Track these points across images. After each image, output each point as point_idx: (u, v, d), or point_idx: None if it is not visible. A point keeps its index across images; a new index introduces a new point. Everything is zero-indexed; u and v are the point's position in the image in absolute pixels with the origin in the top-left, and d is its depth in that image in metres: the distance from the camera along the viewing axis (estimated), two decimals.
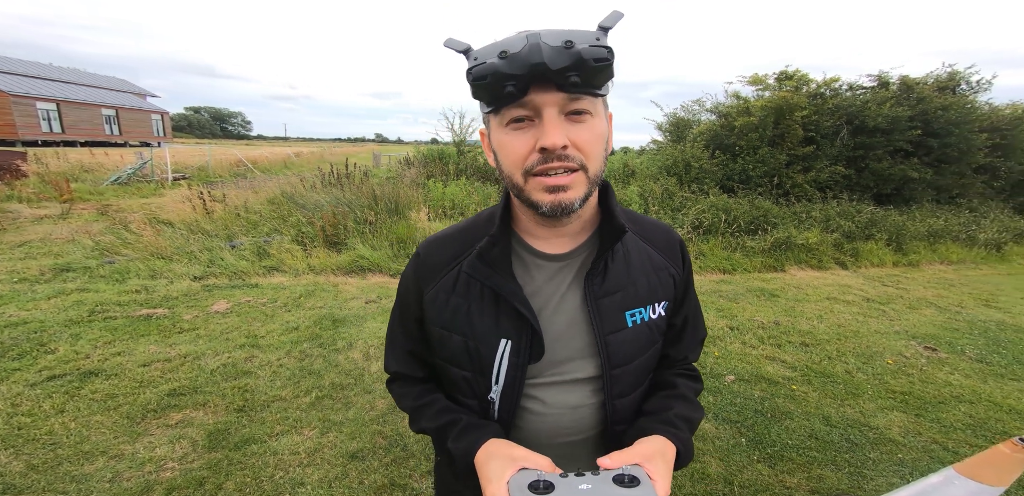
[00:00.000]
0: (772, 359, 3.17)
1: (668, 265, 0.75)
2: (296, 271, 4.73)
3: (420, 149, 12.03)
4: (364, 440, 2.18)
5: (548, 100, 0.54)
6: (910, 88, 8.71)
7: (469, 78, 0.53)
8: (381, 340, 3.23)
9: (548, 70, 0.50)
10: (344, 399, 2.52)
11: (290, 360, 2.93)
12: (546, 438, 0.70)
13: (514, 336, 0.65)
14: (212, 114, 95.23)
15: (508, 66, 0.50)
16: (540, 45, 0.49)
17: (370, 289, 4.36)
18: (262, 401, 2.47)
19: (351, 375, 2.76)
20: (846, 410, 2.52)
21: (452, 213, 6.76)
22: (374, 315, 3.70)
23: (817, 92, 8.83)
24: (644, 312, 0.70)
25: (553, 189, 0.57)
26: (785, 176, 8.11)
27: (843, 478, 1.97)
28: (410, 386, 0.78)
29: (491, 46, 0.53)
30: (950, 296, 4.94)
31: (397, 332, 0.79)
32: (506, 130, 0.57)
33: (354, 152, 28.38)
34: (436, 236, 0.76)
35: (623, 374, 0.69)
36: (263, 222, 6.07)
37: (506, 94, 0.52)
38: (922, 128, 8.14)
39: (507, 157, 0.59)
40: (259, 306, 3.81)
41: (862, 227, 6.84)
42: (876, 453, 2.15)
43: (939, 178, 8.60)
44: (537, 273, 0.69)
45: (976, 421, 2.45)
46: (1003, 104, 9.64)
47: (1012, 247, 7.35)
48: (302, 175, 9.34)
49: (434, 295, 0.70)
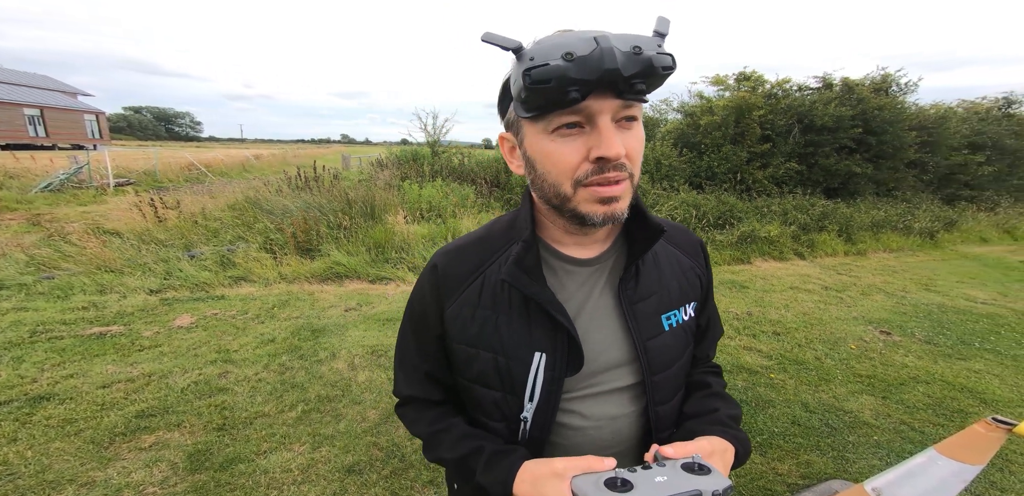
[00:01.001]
0: (749, 349, 3.32)
1: (694, 265, 0.74)
2: (266, 280, 4.52)
3: (392, 150, 11.81)
4: (359, 453, 2.11)
5: (605, 107, 0.51)
6: (851, 89, 9.43)
7: (526, 80, 0.47)
8: (365, 348, 3.15)
9: (619, 76, 0.47)
10: (333, 411, 2.43)
11: (269, 374, 2.80)
12: (585, 452, 0.65)
13: (548, 348, 0.62)
14: (156, 114, 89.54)
15: (577, 70, 0.46)
16: (613, 50, 0.47)
17: (349, 296, 4.23)
18: (243, 418, 2.35)
19: (337, 386, 2.67)
20: (821, 395, 2.67)
21: (430, 215, 6.65)
22: (355, 323, 3.59)
23: (771, 92, 9.43)
24: (678, 315, 0.69)
25: (607, 200, 0.55)
26: (746, 172, 8.59)
27: (828, 463, 2.08)
28: (425, 410, 0.73)
29: (549, 46, 0.48)
30: (895, 282, 5.36)
31: (410, 353, 0.73)
32: (552, 137, 0.54)
33: (320, 154, 27.43)
34: (453, 246, 0.71)
35: (663, 380, 0.67)
36: (225, 230, 5.76)
37: (569, 100, 0.48)
38: (862, 126, 8.85)
39: (555, 166, 0.55)
40: (228, 319, 3.61)
41: (816, 219, 7.36)
42: (854, 436, 2.29)
43: (878, 173, 9.38)
44: (568, 280, 0.66)
45: (935, 401, 2.65)
46: (927, 104, 10.62)
47: (943, 235, 8.09)
48: (265, 179, 8.95)
49: (457, 309, 0.65)
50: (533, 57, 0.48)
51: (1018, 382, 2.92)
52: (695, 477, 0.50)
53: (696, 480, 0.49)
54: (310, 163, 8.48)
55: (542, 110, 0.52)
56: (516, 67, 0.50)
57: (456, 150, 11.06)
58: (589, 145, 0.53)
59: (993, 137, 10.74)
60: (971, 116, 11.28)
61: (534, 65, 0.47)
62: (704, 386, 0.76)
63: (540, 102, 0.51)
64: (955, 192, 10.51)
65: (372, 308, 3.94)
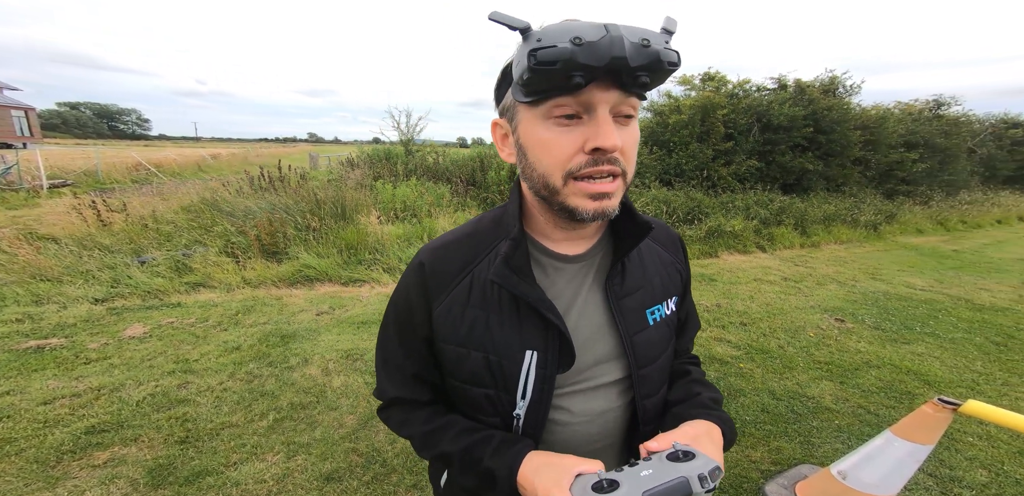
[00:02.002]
0: (719, 340, 3.45)
1: (674, 261, 0.76)
2: (229, 286, 4.30)
3: (364, 149, 11.44)
4: (338, 460, 2.04)
5: (605, 98, 0.50)
6: (803, 90, 10.01)
7: (531, 61, 0.46)
8: (340, 353, 3.06)
9: (626, 66, 0.47)
10: (307, 419, 2.34)
11: (235, 383, 2.67)
12: (574, 447, 0.67)
13: (540, 346, 0.62)
14: (96, 111, 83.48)
15: (584, 55, 0.45)
16: (622, 38, 0.46)
17: (320, 300, 4.10)
18: (208, 430, 2.23)
19: (311, 393, 2.58)
20: (786, 383, 2.80)
21: (404, 215, 6.52)
22: (328, 327, 3.48)
23: (733, 92, 9.90)
24: (661, 309, 0.70)
25: (598, 196, 0.54)
26: (712, 169, 8.97)
27: (796, 448, 2.18)
28: (414, 411, 0.71)
29: (558, 29, 0.47)
30: (846, 272, 5.71)
31: (395, 354, 0.70)
32: (548, 125, 0.53)
33: (285, 153, 26.34)
34: (439, 243, 0.69)
35: (650, 373, 0.68)
36: (179, 233, 5.43)
37: (572, 85, 0.47)
38: (813, 126, 9.41)
39: (548, 155, 0.54)
40: (186, 327, 3.42)
41: (775, 214, 7.78)
42: (817, 421, 2.41)
43: (828, 169, 10.01)
44: (557, 276, 0.66)
45: (885, 384, 2.84)
46: (869, 106, 11.40)
47: (885, 227, 8.75)
48: (224, 179, 8.50)
49: (446, 309, 0.64)
50: (540, 38, 0.47)
51: (956, 364, 3.16)
52: (680, 464, 0.51)
53: (681, 467, 0.50)
54: (274, 162, 8.14)
55: (542, 95, 0.51)
56: (521, 47, 0.48)
57: (431, 149, 10.87)
58: (586, 136, 0.52)
59: (925, 136, 11.64)
60: (906, 117, 12.17)
61: (541, 46, 0.46)
62: (684, 374, 0.78)
63: (542, 85, 0.49)
64: (894, 187, 11.32)
65: (346, 311, 3.84)
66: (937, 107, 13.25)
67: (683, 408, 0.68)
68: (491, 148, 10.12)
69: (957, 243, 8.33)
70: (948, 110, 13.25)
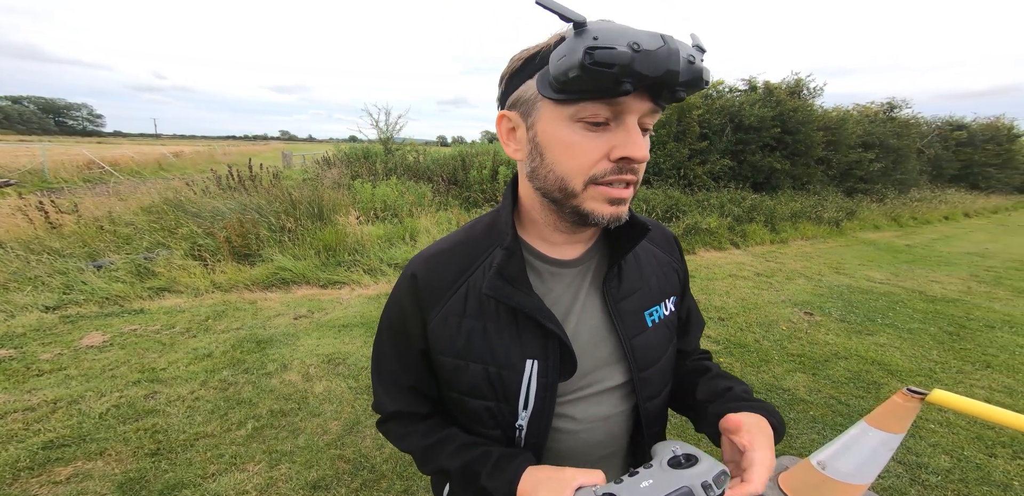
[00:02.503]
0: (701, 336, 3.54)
1: (670, 260, 0.75)
2: (196, 290, 4.11)
3: (341, 147, 11.11)
4: (324, 467, 1.99)
5: (638, 108, 0.50)
6: (771, 92, 10.41)
7: (587, 59, 0.44)
8: (321, 357, 2.97)
9: (675, 80, 0.46)
10: (289, 426, 2.27)
11: (208, 391, 2.56)
12: (580, 455, 0.67)
13: (540, 355, 0.60)
14: (41, 106, 78.31)
15: (642, 63, 0.44)
16: (679, 52, 0.45)
17: (298, 303, 3.97)
18: (182, 441, 2.14)
19: (292, 399, 2.49)
20: (763, 376, 2.90)
21: (385, 215, 6.40)
22: (307, 331, 3.38)
23: (707, 93, 10.20)
24: (660, 310, 0.69)
25: (616, 202, 0.54)
26: (688, 168, 9.23)
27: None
28: (413, 424, 0.69)
29: (614, 30, 0.45)
30: (812, 266, 5.97)
31: (392, 367, 0.69)
32: (575, 127, 0.51)
33: (256, 151, 25.36)
34: (431, 252, 0.66)
35: (651, 376, 0.67)
36: (140, 236, 5.14)
37: (620, 91, 0.46)
38: (780, 126, 9.81)
39: (572, 159, 0.52)
40: (150, 335, 3.25)
41: (747, 211, 8.10)
42: (794, 413, 2.50)
43: (794, 168, 10.47)
44: (554, 282, 0.65)
45: (853, 374, 2.98)
46: (830, 107, 11.98)
47: (846, 223, 9.23)
48: (188, 178, 8.12)
49: (442, 321, 0.62)
50: (597, 37, 0.44)
51: (915, 353, 3.35)
52: (682, 471, 0.49)
53: (683, 475, 0.49)
54: (244, 161, 7.83)
55: (579, 95, 0.48)
56: (573, 42, 0.45)
57: (411, 147, 10.72)
58: (612, 144, 0.51)
59: (880, 137, 12.31)
60: (863, 118, 12.84)
61: (599, 45, 0.44)
62: (704, 371, 0.76)
63: (586, 85, 0.46)
64: (853, 185, 11.95)
65: (325, 314, 3.73)
66: (890, 109, 14.05)
67: (719, 405, 0.66)
68: (472, 147, 10.07)
69: (909, 238, 8.84)
70: (900, 112, 14.08)
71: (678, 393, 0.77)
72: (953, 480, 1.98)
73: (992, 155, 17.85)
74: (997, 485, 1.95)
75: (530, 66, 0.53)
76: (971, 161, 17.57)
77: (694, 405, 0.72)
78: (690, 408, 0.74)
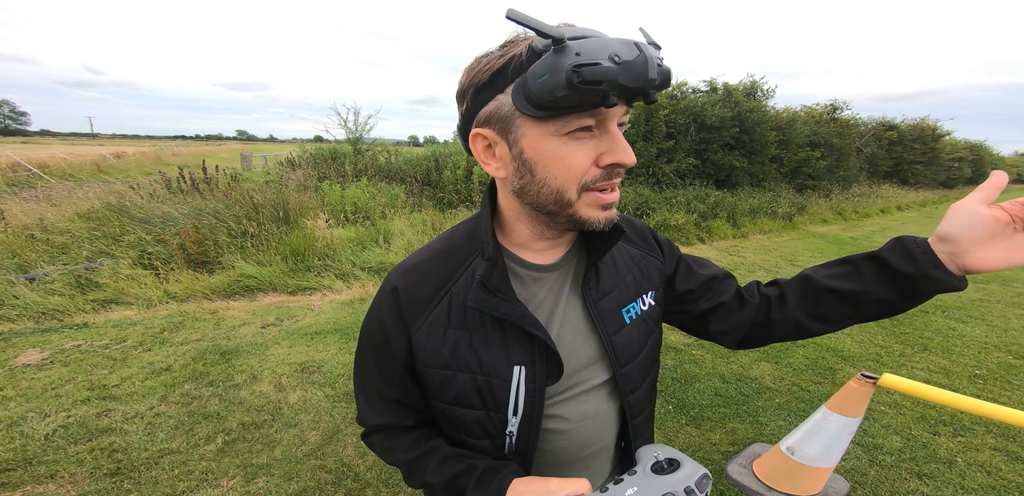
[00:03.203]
0: (672, 329, 3.64)
1: (647, 254, 0.76)
2: (148, 301, 3.87)
3: (306, 148, 10.59)
4: (304, 478, 1.92)
5: (617, 113, 0.51)
6: (730, 93, 10.90)
7: (576, 78, 0.43)
8: (294, 366, 2.87)
9: (652, 86, 0.46)
10: (264, 438, 2.18)
11: (169, 407, 2.43)
12: (572, 453, 0.68)
13: (527, 361, 0.61)
14: None
15: (625, 75, 0.44)
16: (653, 59, 0.45)
17: (265, 311, 3.80)
18: (144, 459, 2.02)
19: (265, 411, 2.40)
20: (732, 366, 3.04)
21: (356, 217, 6.21)
22: (277, 340, 3.25)
23: (672, 93, 10.55)
24: (637, 306, 0.70)
25: (608, 206, 0.55)
26: (656, 167, 9.52)
27: (748, 428, 2.36)
28: (398, 436, 0.69)
29: (592, 44, 0.44)
30: (770, 259, 6.32)
31: (374, 380, 0.68)
32: (563, 140, 0.51)
33: (210, 152, 23.84)
34: (409, 264, 0.65)
35: (631, 371, 0.69)
36: (78, 244, 4.74)
37: (608, 104, 0.45)
38: (739, 126, 10.29)
39: (565, 170, 0.52)
40: (97, 350, 3.04)
41: (710, 208, 8.47)
42: (762, 401, 2.63)
43: (751, 166, 11.02)
44: (537, 288, 0.65)
45: (811, 361, 3.16)
46: (781, 109, 12.68)
47: (798, 217, 9.83)
48: (132, 181, 7.57)
49: (426, 333, 0.61)
50: (580, 53, 0.43)
51: (863, 339, 3.59)
52: (665, 478, 0.50)
53: (666, 481, 0.50)
54: (197, 162, 7.38)
55: (565, 111, 0.48)
56: (554, 60, 0.44)
57: (382, 147, 10.44)
58: (599, 150, 0.52)
59: (825, 137, 13.11)
60: (810, 119, 13.63)
61: (584, 62, 0.43)
62: (796, 279, 0.72)
63: (573, 102, 0.46)
64: (802, 182, 12.70)
65: (296, 322, 3.60)
66: (833, 110, 15.00)
67: (897, 255, 0.61)
68: (446, 147, 9.94)
69: (853, 231, 9.50)
70: (841, 113, 15.05)
71: (821, 310, 0.69)
72: (905, 459, 2.14)
73: (919, 153, 19.36)
74: (943, 462, 2.12)
75: (499, 80, 0.51)
76: (901, 159, 19.00)
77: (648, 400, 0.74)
78: (861, 295, 0.65)
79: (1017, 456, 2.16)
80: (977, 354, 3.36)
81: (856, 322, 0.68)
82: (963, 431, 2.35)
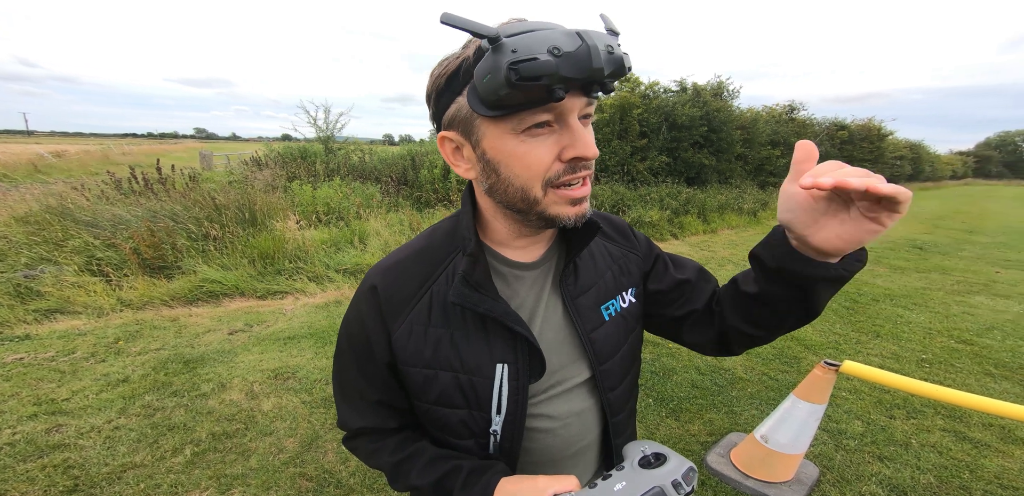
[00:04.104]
0: None
1: (627, 251, 0.75)
2: (99, 310, 3.62)
3: (273, 147, 10.13)
4: (284, 487, 1.86)
5: (575, 105, 0.50)
6: (699, 93, 11.27)
7: (513, 76, 0.42)
8: (266, 373, 2.76)
9: (601, 75, 0.45)
10: (237, 448, 2.09)
11: (130, 419, 2.30)
12: (559, 451, 0.68)
13: (510, 358, 0.60)
14: None
15: (566, 67, 0.43)
16: (597, 48, 0.44)
17: (232, 317, 3.63)
18: (105, 474, 1.91)
19: (237, 420, 2.29)
20: (707, 358, 3.12)
21: (329, 218, 6.02)
22: (246, 346, 3.12)
23: (645, 93, 10.82)
24: (616, 303, 0.70)
25: (577, 201, 0.55)
26: (631, 165, 9.75)
27: (724, 418, 2.44)
28: (382, 439, 0.68)
29: (530, 38, 0.44)
30: (738, 254, 6.59)
31: (355, 383, 0.66)
32: (521, 137, 0.50)
33: (166, 151, 22.40)
34: (390, 262, 0.65)
35: (611, 368, 0.69)
36: (14, 250, 4.37)
37: (555, 98, 0.45)
38: (707, 125, 10.67)
39: (527, 168, 0.52)
40: (43, 363, 2.84)
41: (682, 204, 8.78)
42: (735, 391, 2.73)
43: (719, 164, 11.48)
44: (518, 285, 0.65)
45: (778, 351, 3.30)
46: (745, 109, 13.22)
47: (762, 213, 10.31)
48: (76, 181, 7.03)
49: (407, 332, 0.61)
50: (516, 49, 0.43)
51: (823, 328, 3.77)
52: (652, 471, 0.51)
53: (653, 475, 0.50)
54: (150, 162, 6.93)
55: (516, 109, 0.47)
56: (492, 59, 0.44)
57: (355, 146, 10.13)
58: (561, 144, 0.51)
59: (784, 136, 13.76)
60: (771, 119, 14.28)
61: (520, 58, 0.42)
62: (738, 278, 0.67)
63: (519, 100, 0.46)
64: (765, 179, 13.33)
65: (267, 327, 3.46)
66: (791, 111, 15.76)
67: (766, 250, 0.57)
68: (422, 145, 9.80)
69: None
70: (798, 114, 15.84)
71: (751, 306, 0.64)
72: (867, 443, 2.26)
73: (867, 152, 20.58)
74: (900, 444, 2.25)
75: (454, 83, 0.52)
76: (852, 157, 20.11)
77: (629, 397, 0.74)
78: (767, 282, 0.59)
79: (964, 436, 2.32)
80: (923, 339, 3.59)
81: (785, 323, 0.62)
82: (915, 414, 2.51)
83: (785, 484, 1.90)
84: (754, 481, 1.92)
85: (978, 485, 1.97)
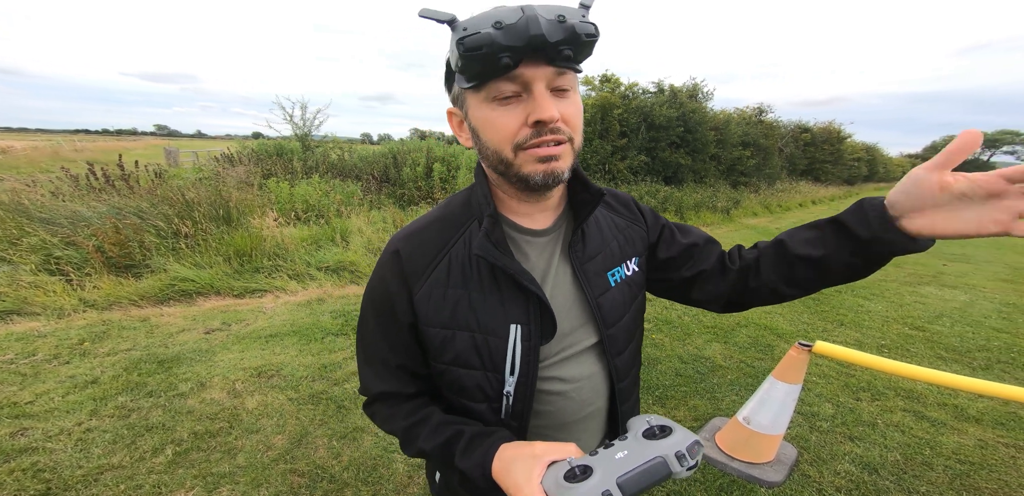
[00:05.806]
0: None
1: (631, 223, 0.79)
2: (60, 311, 3.44)
3: (247, 144, 9.76)
4: (275, 484, 1.82)
5: (538, 74, 0.54)
6: (676, 94, 11.53)
7: (461, 49, 0.50)
8: (248, 371, 2.69)
9: (545, 43, 0.50)
10: (222, 447, 2.03)
11: (103, 421, 2.20)
12: (571, 414, 0.70)
13: (523, 319, 0.64)
14: None
15: (505, 37, 0.49)
16: (537, 17, 0.49)
17: (207, 316, 3.51)
18: (79, 476, 1.84)
19: (220, 418, 2.23)
20: (688, 348, 3.23)
21: (308, 216, 5.88)
22: (225, 345, 3.02)
23: (625, 94, 10.99)
24: (621, 271, 0.74)
25: (545, 159, 0.57)
26: (611, 164, 9.89)
27: (707, 404, 2.53)
28: (399, 404, 0.70)
29: (481, 17, 0.51)
30: None
31: (379, 348, 0.70)
32: (492, 106, 0.56)
33: (125, 147, 21.18)
34: (411, 230, 0.69)
35: (616, 332, 0.72)
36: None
37: (501, 66, 0.51)
38: (683, 126, 10.94)
39: (496, 133, 0.57)
40: (1, 366, 2.68)
41: (661, 202, 9.05)
42: (716, 378, 2.83)
43: (695, 164, 11.77)
44: (530, 250, 0.69)
45: (753, 340, 3.45)
46: (718, 110, 13.61)
47: (734, 211, 10.68)
48: (28, 178, 6.58)
49: (428, 292, 0.64)
50: (466, 27, 0.51)
51: (792, 318, 3.96)
52: (657, 442, 0.49)
53: (657, 445, 0.49)
54: (106, 158, 6.55)
55: (481, 78, 0.54)
56: (451, 38, 0.52)
57: (335, 144, 9.85)
58: (527, 111, 0.55)
59: (754, 137, 14.24)
60: (742, 121, 14.75)
61: (467, 34, 0.50)
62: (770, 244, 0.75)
63: (476, 69, 0.53)
64: (736, 179, 13.77)
65: (246, 326, 3.36)
66: (760, 113, 16.31)
67: (858, 218, 0.62)
68: (404, 144, 9.65)
69: (778, 223, 10.41)
70: (767, 116, 16.42)
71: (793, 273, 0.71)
72: (838, 424, 2.38)
73: (828, 153, 21.56)
74: (867, 425, 2.39)
75: (450, 65, 0.60)
76: (814, 158, 21.05)
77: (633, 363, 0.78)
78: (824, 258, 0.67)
79: (923, 415, 2.49)
80: (881, 327, 3.82)
81: (825, 285, 0.70)
82: (879, 396, 2.67)
83: (768, 464, 1.99)
84: (739, 462, 2.00)
85: (939, 461, 2.11)
